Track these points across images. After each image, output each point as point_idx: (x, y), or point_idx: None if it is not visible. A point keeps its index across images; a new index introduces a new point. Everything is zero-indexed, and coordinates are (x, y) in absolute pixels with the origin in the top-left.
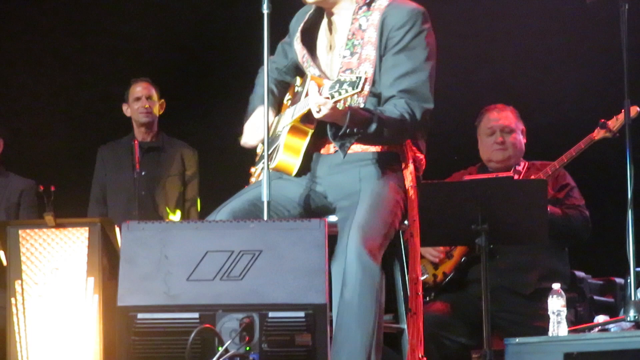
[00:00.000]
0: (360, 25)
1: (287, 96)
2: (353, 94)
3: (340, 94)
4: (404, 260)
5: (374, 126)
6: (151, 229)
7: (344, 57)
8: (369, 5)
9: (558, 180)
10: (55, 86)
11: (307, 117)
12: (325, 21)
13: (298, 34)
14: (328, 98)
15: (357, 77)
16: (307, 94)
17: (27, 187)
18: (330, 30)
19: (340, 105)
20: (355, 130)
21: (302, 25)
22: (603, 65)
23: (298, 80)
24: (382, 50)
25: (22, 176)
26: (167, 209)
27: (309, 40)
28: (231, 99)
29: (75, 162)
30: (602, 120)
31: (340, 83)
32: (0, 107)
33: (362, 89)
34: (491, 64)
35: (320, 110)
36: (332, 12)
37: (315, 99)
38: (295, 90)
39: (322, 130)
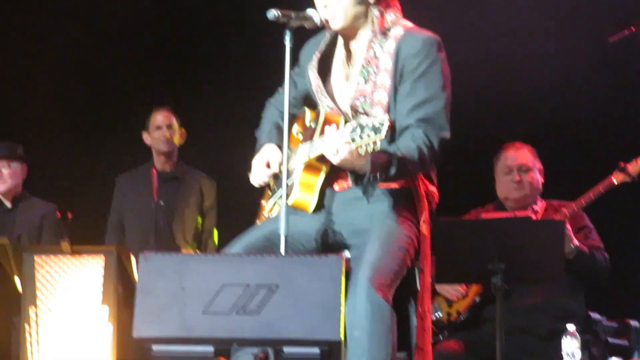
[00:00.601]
0: (375, 53)
1: (296, 128)
2: (375, 140)
3: (362, 138)
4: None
5: (394, 168)
6: (168, 260)
7: (358, 84)
8: (384, 33)
9: (576, 221)
10: (74, 113)
11: (322, 157)
12: (341, 51)
13: (314, 63)
14: (349, 142)
15: (379, 123)
16: (322, 132)
17: (48, 211)
18: (347, 60)
19: (361, 150)
20: (377, 175)
21: (318, 54)
22: (625, 105)
23: (308, 113)
24: (397, 78)
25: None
26: (185, 239)
27: (323, 70)
28: (252, 130)
29: (94, 189)
30: (622, 164)
31: (362, 127)
32: (22, 134)
33: (385, 136)
34: (510, 101)
35: (337, 154)
36: (349, 40)
37: (334, 144)
38: (308, 125)
39: (335, 166)
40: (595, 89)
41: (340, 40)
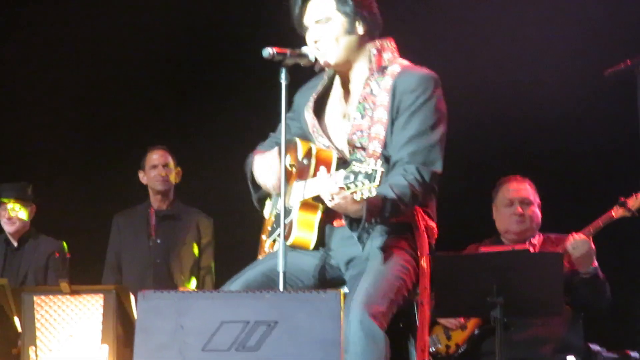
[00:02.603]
0: (371, 90)
1: (289, 159)
2: (369, 188)
3: (356, 185)
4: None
5: (387, 210)
6: (167, 298)
7: (355, 119)
8: (381, 71)
9: None
10: (71, 153)
11: (318, 197)
12: (337, 90)
13: (310, 104)
14: (343, 188)
15: (372, 170)
16: (315, 171)
17: (54, 250)
18: (344, 98)
19: (356, 196)
20: (372, 220)
21: (315, 95)
22: (621, 139)
23: (300, 146)
24: (394, 114)
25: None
26: (182, 277)
27: (317, 110)
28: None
29: (91, 228)
30: (622, 199)
31: (355, 174)
32: (19, 172)
33: (379, 183)
34: (507, 135)
35: (333, 199)
36: (346, 79)
37: (329, 189)
38: (301, 160)
39: None
40: (594, 124)
41: (337, 80)
